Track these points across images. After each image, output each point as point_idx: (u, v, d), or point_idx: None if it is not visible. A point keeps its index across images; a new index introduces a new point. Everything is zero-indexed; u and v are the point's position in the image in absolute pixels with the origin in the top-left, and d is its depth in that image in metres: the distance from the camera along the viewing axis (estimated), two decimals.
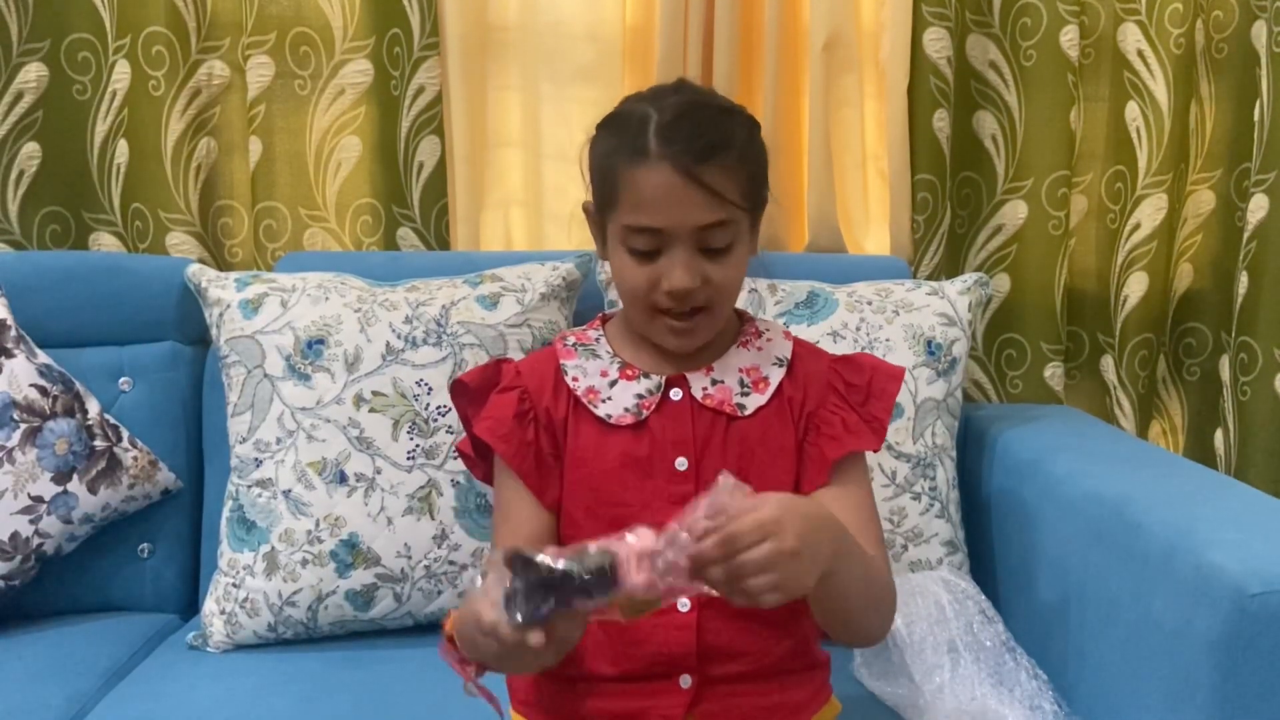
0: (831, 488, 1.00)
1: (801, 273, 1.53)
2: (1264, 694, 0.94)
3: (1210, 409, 1.76)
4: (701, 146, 0.92)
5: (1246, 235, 1.63)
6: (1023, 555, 1.36)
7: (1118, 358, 1.75)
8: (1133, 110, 1.71)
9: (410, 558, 1.33)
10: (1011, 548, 1.40)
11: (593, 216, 1.03)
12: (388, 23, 1.63)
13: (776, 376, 1.03)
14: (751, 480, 0.99)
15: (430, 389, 1.35)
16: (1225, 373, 1.69)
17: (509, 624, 0.77)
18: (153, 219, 1.65)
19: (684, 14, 1.63)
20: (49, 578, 1.42)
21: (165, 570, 1.49)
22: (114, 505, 1.43)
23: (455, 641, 0.87)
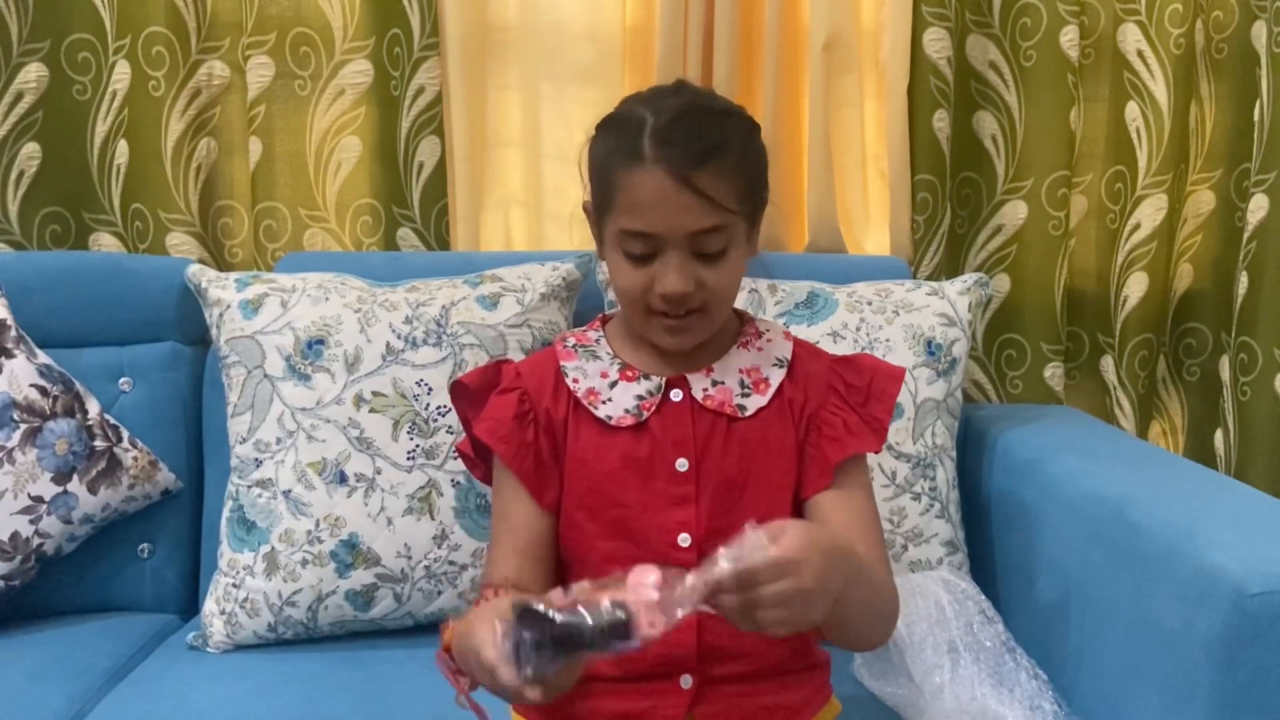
0: (834, 491, 1.00)
1: (801, 273, 1.53)
2: (1264, 694, 0.94)
3: (1210, 409, 1.76)
4: (697, 151, 0.92)
5: (1246, 235, 1.63)
6: (1023, 555, 1.36)
7: (1118, 358, 1.75)
8: (1133, 110, 1.71)
9: (410, 558, 1.33)
10: (1011, 548, 1.40)
11: (592, 217, 1.03)
12: (388, 23, 1.63)
13: (777, 377, 1.03)
14: (752, 482, 1.01)
15: (430, 389, 1.35)
16: (1225, 373, 1.69)
17: (513, 674, 0.76)
18: (153, 219, 1.65)
19: (684, 14, 1.63)
20: (49, 578, 1.41)
21: (165, 570, 1.49)
22: (114, 505, 1.43)
23: (452, 651, 0.87)
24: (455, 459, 1.32)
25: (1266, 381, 1.61)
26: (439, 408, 1.35)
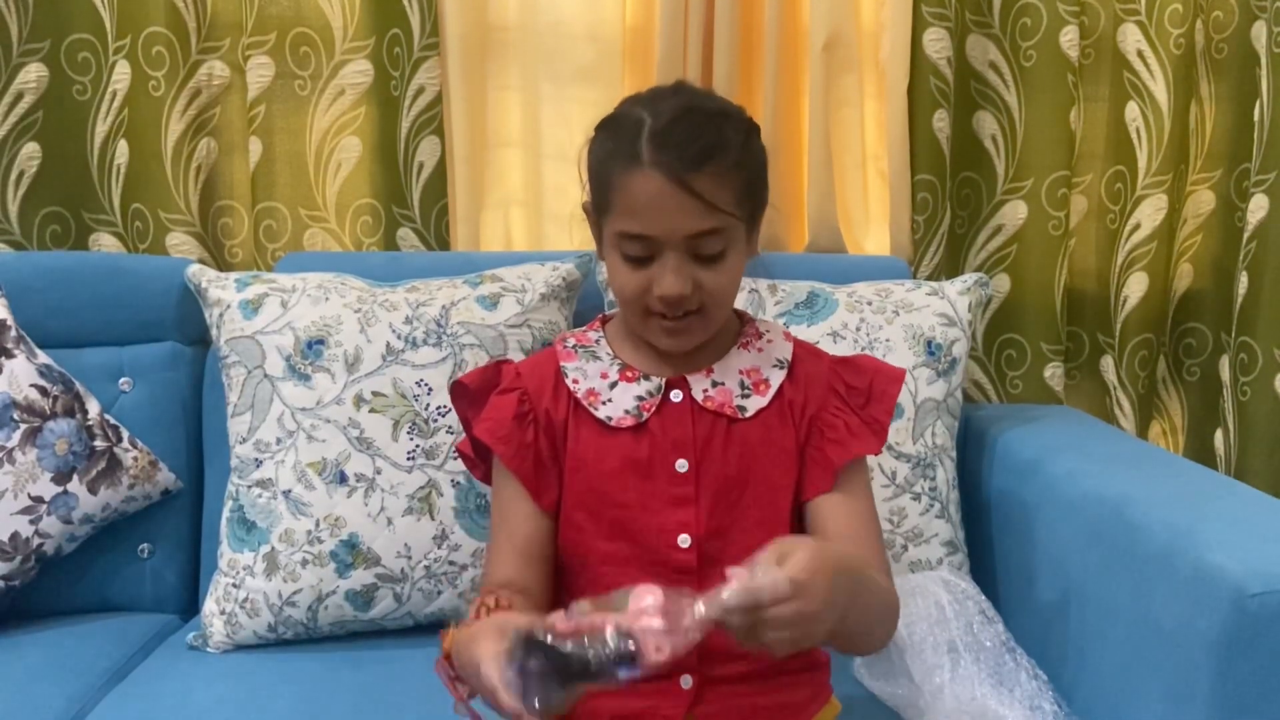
0: (835, 494, 1.00)
1: (801, 273, 1.53)
2: (1264, 694, 0.94)
3: (1210, 409, 1.76)
4: (694, 153, 0.92)
5: (1246, 235, 1.63)
6: (1023, 555, 1.36)
7: (1118, 358, 1.75)
8: (1133, 110, 1.71)
9: (410, 558, 1.33)
10: (1011, 548, 1.40)
11: (591, 217, 1.03)
12: (388, 23, 1.63)
13: (777, 378, 1.03)
14: (752, 483, 1.00)
15: (430, 389, 1.35)
16: (1225, 373, 1.69)
17: (515, 702, 0.75)
18: (153, 219, 1.65)
19: (684, 14, 1.63)
20: (49, 578, 1.41)
21: (165, 570, 1.49)
22: (114, 505, 1.43)
23: (451, 659, 0.87)
24: (455, 459, 1.32)
25: (1266, 381, 1.62)
26: (439, 408, 1.35)
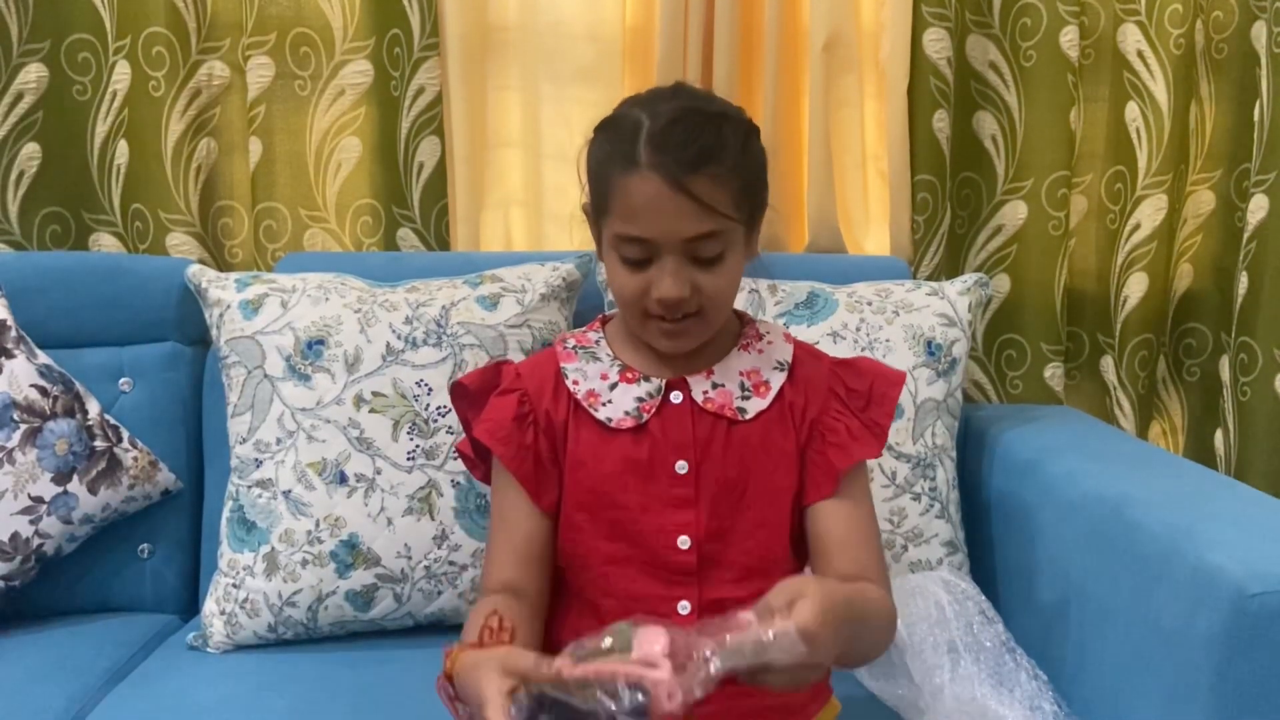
0: (837, 500, 1.00)
1: (801, 273, 1.53)
2: (1264, 694, 0.94)
3: (1210, 409, 1.76)
4: (692, 156, 0.91)
5: (1246, 235, 1.63)
6: (1023, 555, 1.36)
7: (1118, 358, 1.75)
8: (1133, 110, 1.71)
9: (410, 558, 1.33)
10: (1011, 548, 1.40)
11: (590, 219, 1.03)
12: (388, 23, 1.63)
13: (777, 380, 1.03)
14: (752, 485, 1.00)
15: (430, 389, 1.35)
16: (1225, 373, 1.69)
17: None
18: (153, 219, 1.65)
19: (684, 14, 1.63)
20: (49, 578, 1.41)
21: (165, 571, 1.49)
22: (114, 506, 1.43)
23: (453, 681, 0.87)
24: (455, 459, 1.32)
25: (1266, 381, 1.62)
26: (439, 408, 1.35)
